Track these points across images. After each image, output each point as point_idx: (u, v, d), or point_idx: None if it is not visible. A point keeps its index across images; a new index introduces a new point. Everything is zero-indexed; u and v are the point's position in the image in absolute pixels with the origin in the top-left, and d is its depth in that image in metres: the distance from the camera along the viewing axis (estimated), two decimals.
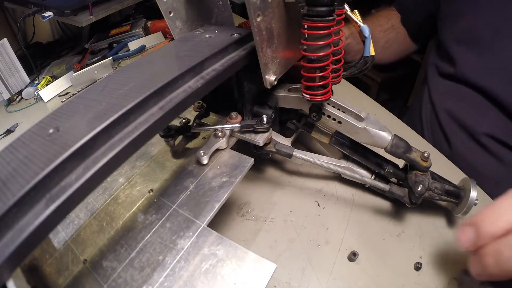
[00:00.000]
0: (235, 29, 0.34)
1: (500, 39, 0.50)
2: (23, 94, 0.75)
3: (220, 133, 0.35)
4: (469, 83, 0.54)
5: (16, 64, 0.77)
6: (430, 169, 0.36)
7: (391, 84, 1.51)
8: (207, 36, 0.33)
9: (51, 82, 0.76)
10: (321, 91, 0.33)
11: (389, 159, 0.38)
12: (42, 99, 0.72)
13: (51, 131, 0.21)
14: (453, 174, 0.38)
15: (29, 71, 0.80)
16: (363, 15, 0.35)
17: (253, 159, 0.34)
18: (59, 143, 0.20)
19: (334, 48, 0.31)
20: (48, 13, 0.70)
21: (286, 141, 0.40)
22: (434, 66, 0.63)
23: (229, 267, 0.25)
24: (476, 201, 0.34)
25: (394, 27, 0.68)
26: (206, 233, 0.28)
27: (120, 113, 0.21)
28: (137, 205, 0.32)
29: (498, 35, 0.50)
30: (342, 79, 0.38)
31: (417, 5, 0.66)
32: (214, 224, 0.30)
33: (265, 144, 0.38)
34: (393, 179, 0.40)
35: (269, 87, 0.32)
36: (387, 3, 0.71)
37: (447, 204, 0.37)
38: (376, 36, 0.66)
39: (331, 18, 0.28)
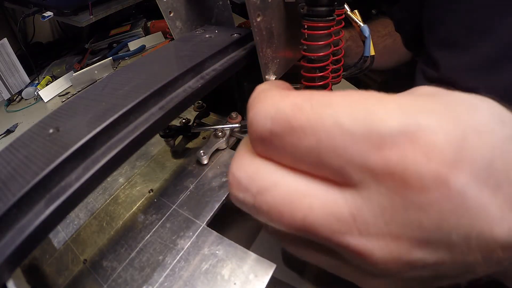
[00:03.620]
0: (235, 29, 0.34)
1: (471, 36, 0.50)
2: (23, 94, 0.75)
3: (220, 133, 0.35)
4: (453, 85, 0.55)
5: (16, 64, 0.77)
6: None
7: (391, 84, 1.50)
8: (207, 36, 0.33)
9: (51, 82, 0.76)
10: None
11: None
12: (42, 99, 0.72)
13: (51, 131, 0.21)
14: None
15: (29, 71, 0.80)
16: (363, 16, 0.35)
17: None
18: (59, 143, 0.20)
19: (334, 48, 0.31)
20: (48, 13, 0.70)
21: None
22: (421, 71, 0.64)
23: (229, 267, 0.25)
24: None
25: (391, 33, 0.68)
26: (206, 233, 0.28)
27: (120, 113, 0.21)
28: (137, 205, 0.32)
29: (471, 31, 0.50)
30: (342, 79, 0.38)
31: (404, 15, 0.67)
32: (214, 224, 0.30)
33: None
34: None
35: None
36: (387, 3, 0.71)
37: None
38: (373, 42, 0.67)
39: (331, 18, 0.28)
